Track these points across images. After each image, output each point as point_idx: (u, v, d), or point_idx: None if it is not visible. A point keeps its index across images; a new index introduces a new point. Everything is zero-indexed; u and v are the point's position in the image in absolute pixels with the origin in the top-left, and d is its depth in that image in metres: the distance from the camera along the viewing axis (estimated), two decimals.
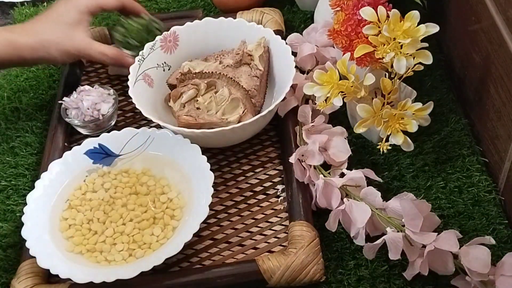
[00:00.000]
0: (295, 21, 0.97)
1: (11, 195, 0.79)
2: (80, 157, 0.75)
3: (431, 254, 0.61)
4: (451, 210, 0.71)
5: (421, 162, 0.75)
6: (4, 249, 0.73)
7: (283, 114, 0.79)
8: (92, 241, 0.69)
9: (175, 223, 0.70)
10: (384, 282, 0.65)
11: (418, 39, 0.67)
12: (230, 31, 0.85)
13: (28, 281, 0.66)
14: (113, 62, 0.83)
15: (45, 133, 0.85)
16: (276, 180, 0.76)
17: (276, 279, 0.64)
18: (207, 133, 0.72)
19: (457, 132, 0.78)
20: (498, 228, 0.69)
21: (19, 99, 0.90)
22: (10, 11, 1.07)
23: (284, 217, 0.72)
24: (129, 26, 0.85)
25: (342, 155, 0.73)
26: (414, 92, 0.75)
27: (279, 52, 0.81)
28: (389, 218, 0.64)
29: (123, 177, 0.75)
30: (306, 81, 0.75)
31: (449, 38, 0.85)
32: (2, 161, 0.83)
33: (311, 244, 0.65)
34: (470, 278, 0.60)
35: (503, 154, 0.70)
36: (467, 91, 0.80)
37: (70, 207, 0.72)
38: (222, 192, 0.75)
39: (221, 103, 0.76)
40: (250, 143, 0.80)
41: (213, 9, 1.01)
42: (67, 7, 0.81)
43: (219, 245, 0.70)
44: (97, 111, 0.81)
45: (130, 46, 0.85)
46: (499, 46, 0.67)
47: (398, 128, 0.69)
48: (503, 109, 0.69)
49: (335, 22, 0.74)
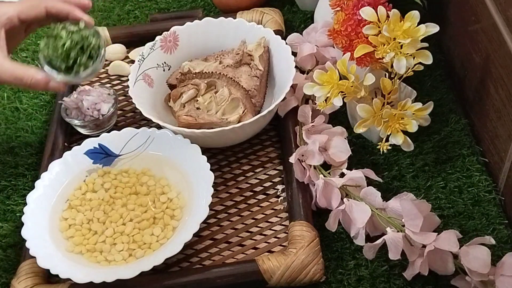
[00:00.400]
0: (295, 21, 0.97)
1: (11, 195, 0.79)
2: (80, 157, 0.75)
3: (431, 254, 0.61)
4: (451, 210, 0.71)
5: (421, 162, 0.75)
6: (4, 249, 0.73)
7: (283, 114, 0.79)
8: (92, 241, 0.69)
9: (175, 223, 0.70)
10: (384, 282, 0.65)
11: (418, 39, 0.67)
12: (230, 31, 0.85)
13: (28, 281, 0.66)
14: (18, 84, 0.69)
15: (45, 133, 0.85)
16: (276, 180, 0.76)
17: (276, 279, 0.64)
18: (207, 133, 0.72)
19: (457, 132, 0.78)
20: (498, 228, 0.69)
21: (19, 99, 0.90)
22: None
23: (284, 217, 0.72)
24: (53, 42, 0.68)
25: (342, 155, 0.73)
26: (414, 92, 0.75)
27: (279, 52, 0.82)
28: (389, 218, 0.64)
29: (123, 177, 0.75)
30: (306, 81, 0.75)
31: (449, 38, 0.85)
32: (2, 161, 0.83)
33: (311, 244, 0.65)
34: (470, 278, 0.60)
35: (503, 154, 0.70)
36: (467, 91, 0.80)
37: (70, 207, 0.72)
38: (222, 192, 0.75)
39: (221, 103, 0.76)
40: (250, 143, 0.80)
41: (213, 9, 1.01)
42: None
43: (219, 245, 0.70)
44: (97, 111, 0.81)
45: (55, 67, 0.69)
46: (499, 46, 0.67)
47: (398, 128, 0.69)
48: (503, 109, 0.69)
49: (335, 22, 0.74)
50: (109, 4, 1.05)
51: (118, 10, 1.03)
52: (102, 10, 1.04)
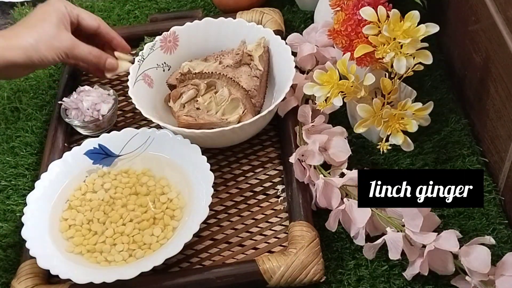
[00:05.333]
0: (295, 21, 0.97)
1: (11, 195, 0.79)
2: (80, 158, 0.75)
3: (431, 254, 0.61)
4: (451, 210, 0.71)
5: (421, 162, 0.75)
6: (4, 249, 0.73)
7: (283, 114, 0.79)
8: (92, 242, 0.69)
9: (175, 224, 0.70)
10: (384, 282, 0.65)
11: (418, 39, 0.67)
12: (230, 31, 0.85)
13: (28, 281, 0.66)
14: (96, 61, 0.81)
15: (45, 133, 0.85)
16: (276, 180, 0.76)
17: (276, 280, 0.64)
18: (207, 133, 0.72)
19: (457, 132, 0.78)
20: (498, 228, 0.69)
21: (19, 99, 0.90)
22: (10, 11, 1.07)
23: (284, 217, 0.72)
24: None
25: (342, 155, 0.73)
26: (414, 92, 0.75)
27: (279, 52, 0.81)
28: (389, 218, 0.64)
29: (123, 178, 0.75)
30: (306, 81, 0.75)
31: (449, 38, 0.85)
32: (2, 161, 0.83)
33: (311, 244, 0.65)
34: (470, 278, 0.60)
35: (503, 154, 0.70)
36: (467, 91, 0.80)
37: (70, 207, 0.72)
38: (222, 192, 0.75)
39: (221, 103, 0.76)
40: (250, 143, 0.80)
41: (213, 9, 1.01)
42: (47, 10, 0.79)
43: (219, 245, 0.70)
44: (97, 112, 0.81)
45: None
46: (499, 46, 0.67)
47: (398, 128, 0.69)
48: (503, 109, 0.69)
49: (335, 22, 0.74)
50: (109, 4, 1.04)
51: (118, 10, 1.03)
52: (102, 10, 1.04)
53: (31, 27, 0.77)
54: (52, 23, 0.77)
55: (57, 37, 0.77)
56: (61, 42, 0.77)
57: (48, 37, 0.77)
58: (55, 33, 0.77)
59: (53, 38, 0.77)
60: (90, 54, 0.80)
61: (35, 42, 0.75)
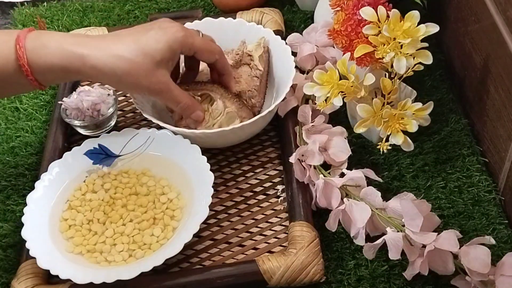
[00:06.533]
0: (295, 21, 0.97)
1: (11, 195, 0.79)
2: (80, 158, 0.75)
3: (431, 254, 0.61)
4: (451, 210, 0.71)
5: (421, 162, 0.75)
6: (4, 249, 0.73)
7: (283, 114, 0.79)
8: (92, 242, 0.69)
9: (175, 224, 0.70)
10: (384, 282, 0.65)
11: (418, 39, 0.67)
12: (230, 31, 0.85)
13: (28, 281, 0.66)
14: (183, 112, 0.73)
15: (45, 133, 0.85)
16: (276, 180, 0.76)
17: (276, 280, 0.64)
18: (207, 133, 0.72)
19: (457, 132, 0.78)
20: (498, 228, 0.69)
21: (19, 99, 0.90)
22: (10, 11, 1.07)
23: (284, 218, 0.72)
24: None
25: (342, 155, 0.73)
26: (414, 92, 0.75)
27: (279, 52, 0.81)
28: (389, 218, 0.64)
29: (123, 178, 0.75)
30: (306, 81, 0.75)
31: (449, 38, 0.85)
32: (2, 161, 0.83)
33: (311, 245, 0.65)
34: (470, 278, 0.60)
35: (503, 154, 0.70)
36: (467, 91, 0.80)
37: (70, 207, 0.72)
38: (222, 192, 0.75)
39: (216, 117, 0.75)
40: (250, 143, 0.80)
41: (213, 9, 1.01)
42: (158, 38, 0.67)
43: (219, 245, 0.70)
44: (97, 112, 0.81)
45: None
46: (499, 46, 0.67)
47: (398, 128, 0.69)
48: (503, 109, 0.69)
49: (335, 22, 0.74)
50: (109, 4, 1.04)
51: (118, 10, 1.03)
52: (102, 10, 1.04)
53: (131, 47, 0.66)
54: (152, 57, 0.66)
55: (148, 74, 0.67)
56: (150, 82, 0.67)
57: (138, 70, 0.66)
58: (149, 69, 0.66)
59: (143, 74, 0.66)
60: (177, 105, 0.71)
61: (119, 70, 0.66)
